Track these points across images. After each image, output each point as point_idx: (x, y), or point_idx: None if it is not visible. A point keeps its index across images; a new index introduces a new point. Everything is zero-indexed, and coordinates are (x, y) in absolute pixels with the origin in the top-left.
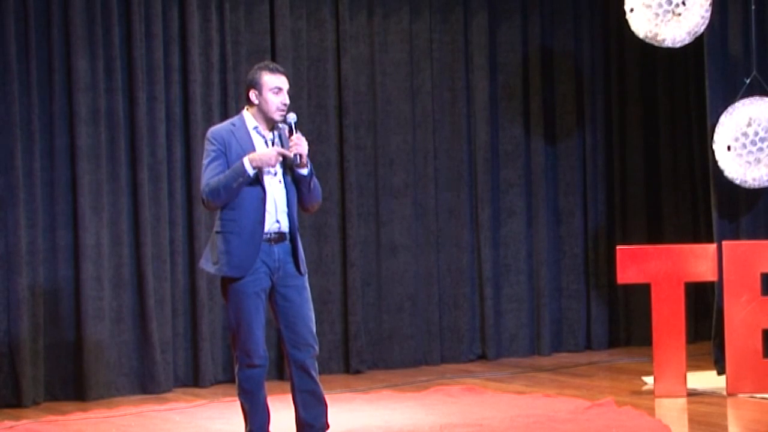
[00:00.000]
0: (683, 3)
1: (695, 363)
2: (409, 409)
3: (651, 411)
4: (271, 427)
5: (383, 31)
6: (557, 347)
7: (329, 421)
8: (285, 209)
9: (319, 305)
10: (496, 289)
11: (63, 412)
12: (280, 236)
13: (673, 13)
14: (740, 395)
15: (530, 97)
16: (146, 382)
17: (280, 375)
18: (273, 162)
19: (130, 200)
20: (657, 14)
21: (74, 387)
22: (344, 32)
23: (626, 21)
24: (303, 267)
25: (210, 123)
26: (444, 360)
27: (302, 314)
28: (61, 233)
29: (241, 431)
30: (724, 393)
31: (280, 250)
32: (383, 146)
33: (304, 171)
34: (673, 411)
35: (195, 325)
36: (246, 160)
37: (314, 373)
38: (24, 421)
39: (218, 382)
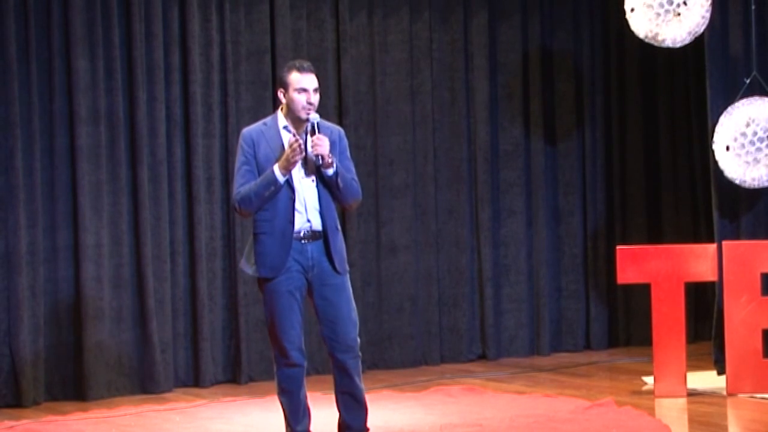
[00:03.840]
0: (684, 3)
1: (695, 363)
2: (409, 409)
3: (651, 411)
4: (312, 427)
5: (383, 31)
6: (557, 347)
7: (368, 425)
8: (316, 207)
9: None
10: (495, 289)
11: (63, 412)
12: (313, 234)
13: (674, 12)
14: (740, 395)
15: (530, 97)
16: (146, 382)
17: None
18: (293, 159)
19: (130, 200)
20: (658, 14)
21: (74, 387)
22: (344, 32)
23: (626, 21)
24: (340, 266)
25: (210, 123)
26: (444, 360)
27: (342, 315)
28: (61, 233)
29: (242, 431)
30: (724, 393)
31: (314, 249)
32: (383, 146)
33: (330, 171)
34: (673, 411)
35: (195, 325)
36: (276, 168)
37: (355, 375)
38: (24, 421)
39: (218, 382)
